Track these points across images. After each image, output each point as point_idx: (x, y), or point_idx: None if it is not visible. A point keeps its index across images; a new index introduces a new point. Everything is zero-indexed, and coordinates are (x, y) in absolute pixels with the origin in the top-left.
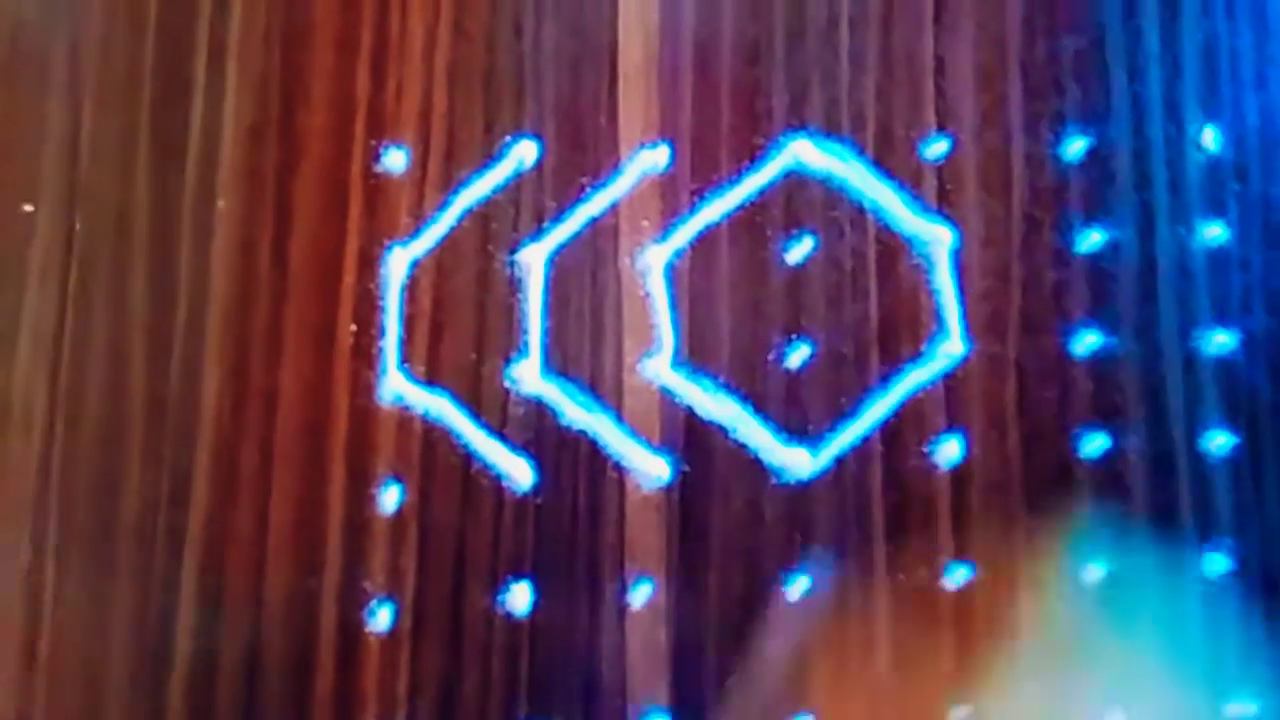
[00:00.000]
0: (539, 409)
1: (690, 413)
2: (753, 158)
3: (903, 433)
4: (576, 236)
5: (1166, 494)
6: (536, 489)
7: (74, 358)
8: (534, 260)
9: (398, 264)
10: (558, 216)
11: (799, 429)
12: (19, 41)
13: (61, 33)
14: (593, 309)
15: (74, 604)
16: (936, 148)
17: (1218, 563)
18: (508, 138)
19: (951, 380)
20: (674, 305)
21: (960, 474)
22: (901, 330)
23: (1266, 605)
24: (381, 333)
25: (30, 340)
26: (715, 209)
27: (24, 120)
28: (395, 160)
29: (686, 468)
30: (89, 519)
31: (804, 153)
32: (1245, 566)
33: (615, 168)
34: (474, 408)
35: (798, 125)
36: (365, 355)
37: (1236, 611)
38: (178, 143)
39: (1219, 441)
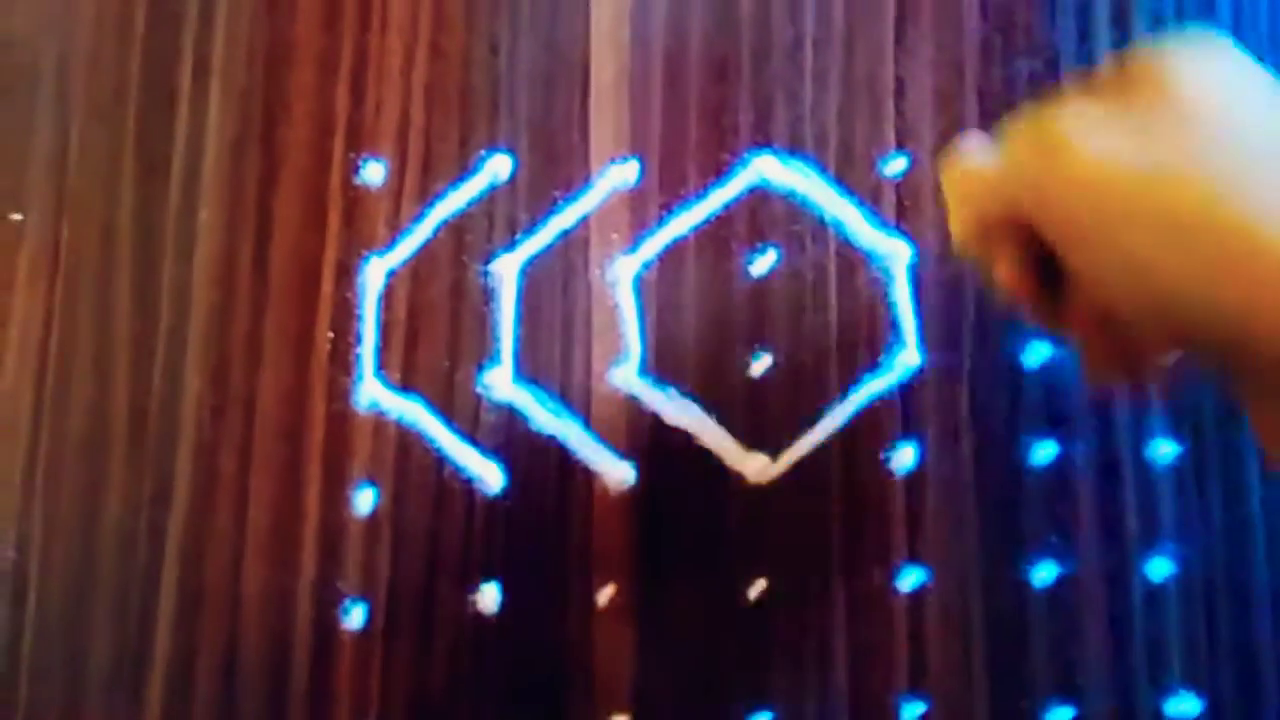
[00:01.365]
0: (510, 415)
1: (656, 419)
2: (719, 173)
3: (860, 440)
4: (548, 248)
5: (1113, 499)
6: (506, 492)
7: (59, 363)
8: (507, 271)
9: (375, 273)
10: (530, 229)
11: (760, 436)
12: (8, 56)
13: (50, 48)
14: (563, 319)
15: (57, 602)
16: (895, 165)
17: (1161, 566)
18: (482, 152)
19: (907, 390)
20: (642, 315)
21: (914, 480)
22: (860, 341)
23: (1208, 606)
24: (358, 340)
25: (17, 346)
26: (682, 223)
27: (14, 132)
28: (373, 173)
29: (651, 472)
30: (72, 520)
31: (768, 169)
32: (1188, 569)
33: (586, 182)
34: (447, 413)
35: (762, 142)
36: (342, 362)
37: (1179, 612)
38: (162, 155)
39: (1164, 450)
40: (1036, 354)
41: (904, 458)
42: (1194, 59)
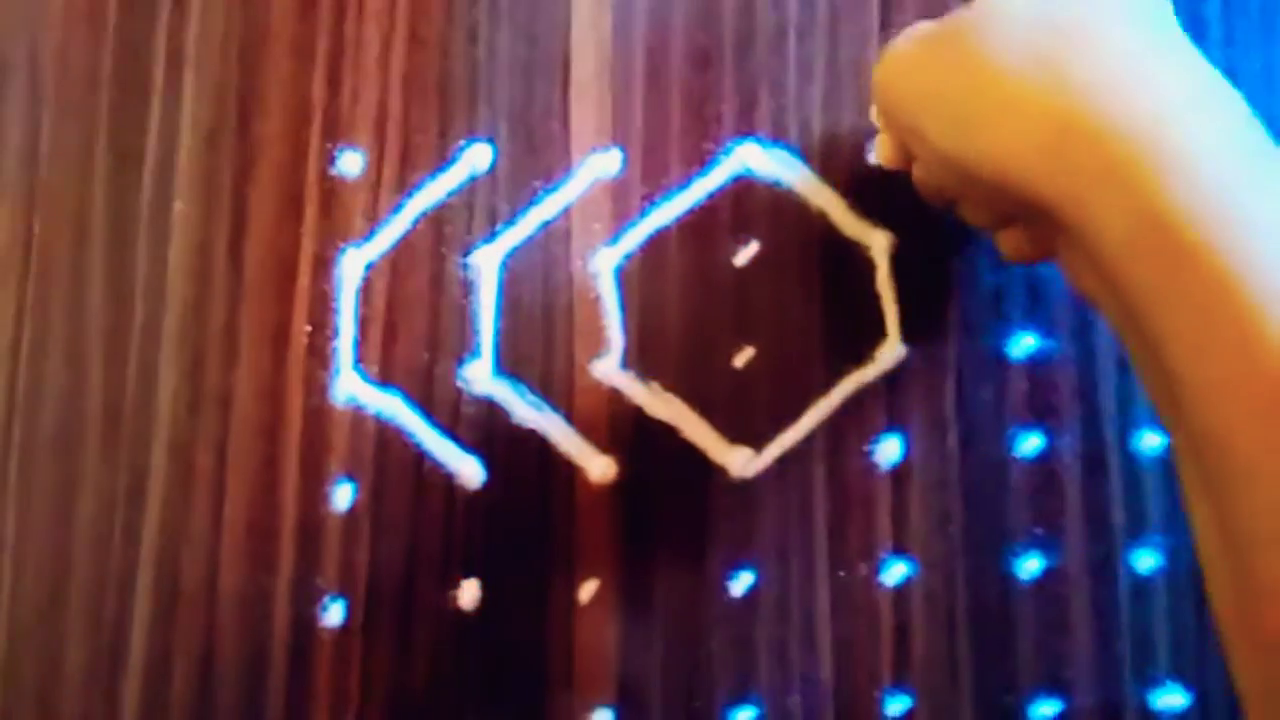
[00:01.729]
0: (490, 409)
1: (638, 413)
2: (702, 163)
3: (844, 433)
4: (529, 240)
5: (1099, 491)
6: (487, 487)
7: (31, 361)
8: (487, 263)
9: (352, 266)
10: (510, 220)
11: (744, 429)
12: None
13: (20, 39)
14: (544, 311)
15: (31, 602)
16: None
17: (1148, 558)
18: (461, 142)
19: (892, 381)
20: (624, 307)
21: (900, 472)
22: (844, 333)
23: (1195, 599)
24: (335, 334)
25: None
26: (665, 213)
27: None
28: (350, 163)
29: (634, 466)
30: (46, 518)
31: (752, 158)
32: (1174, 562)
33: (567, 172)
34: (426, 407)
35: (746, 131)
36: (319, 356)
37: (1166, 605)
38: (135, 148)
39: (1150, 441)
40: (1022, 345)
41: (889, 450)
42: None
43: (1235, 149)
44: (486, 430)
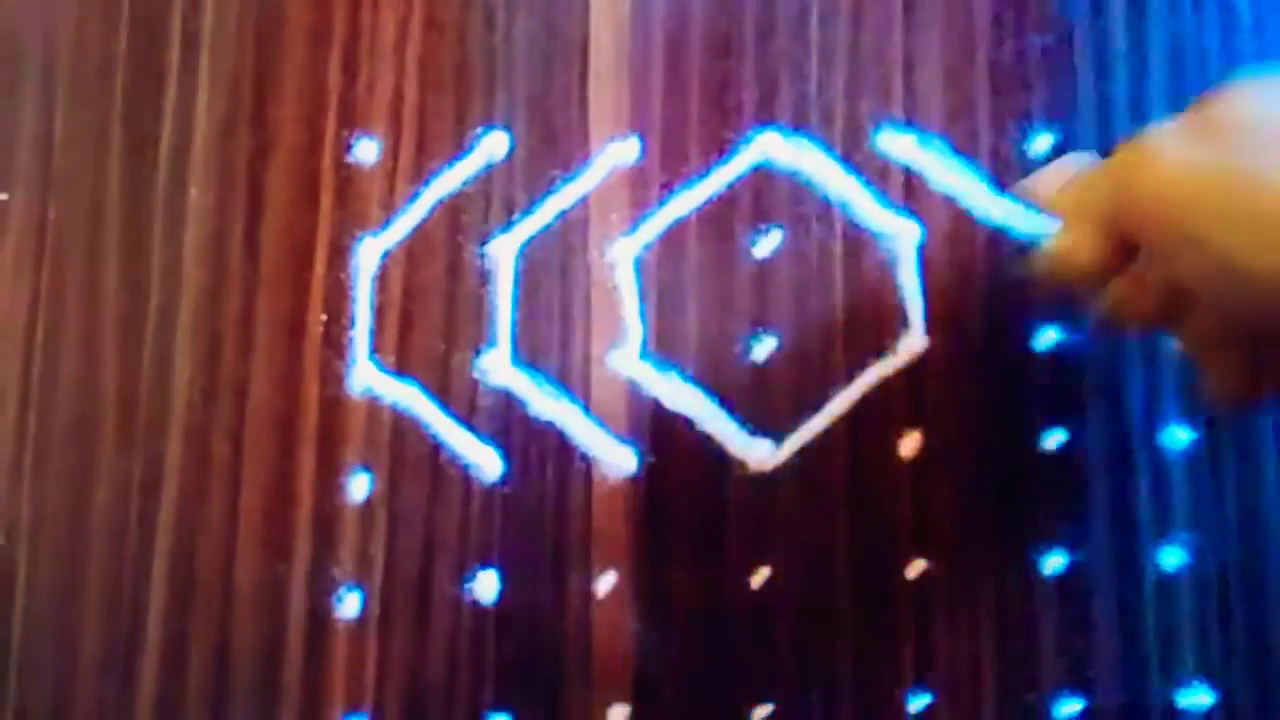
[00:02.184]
0: (507, 400)
1: (657, 404)
2: (722, 151)
3: (866, 426)
4: (546, 229)
5: (1125, 487)
6: (504, 478)
7: (46, 347)
8: (504, 252)
9: (368, 254)
10: (528, 209)
11: (764, 421)
12: None
13: (35, 23)
14: (562, 301)
15: (46, 590)
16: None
17: (1175, 555)
18: (478, 129)
19: (915, 374)
20: (642, 298)
21: (921, 467)
22: (866, 325)
23: (1221, 596)
24: (352, 323)
25: (3, 329)
26: (684, 202)
27: None
28: (366, 151)
29: (652, 458)
30: (61, 506)
31: (772, 147)
32: (1201, 558)
33: (585, 160)
34: (443, 398)
35: (767, 120)
36: (335, 345)
37: (1192, 603)
38: (150, 133)
39: (1178, 436)
40: (1047, 338)
41: (911, 444)
42: (1255, 87)
43: None
44: (503, 421)
